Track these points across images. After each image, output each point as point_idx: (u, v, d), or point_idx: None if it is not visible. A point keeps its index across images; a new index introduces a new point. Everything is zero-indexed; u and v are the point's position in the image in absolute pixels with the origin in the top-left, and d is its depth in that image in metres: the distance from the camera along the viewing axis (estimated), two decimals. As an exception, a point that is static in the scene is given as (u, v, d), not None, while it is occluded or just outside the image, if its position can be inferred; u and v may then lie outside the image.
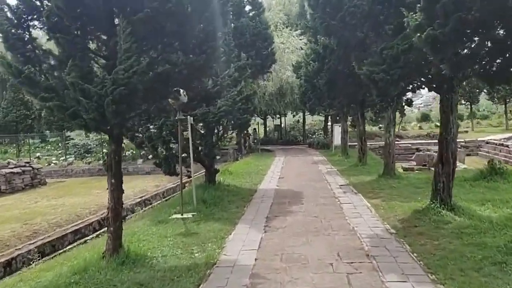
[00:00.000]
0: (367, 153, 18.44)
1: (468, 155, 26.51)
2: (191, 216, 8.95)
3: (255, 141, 32.98)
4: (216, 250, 6.76)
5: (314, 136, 36.45)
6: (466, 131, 46.04)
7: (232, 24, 16.76)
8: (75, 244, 11.27)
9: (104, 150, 35.19)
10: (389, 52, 6.59)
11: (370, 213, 8.85)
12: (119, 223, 6.36)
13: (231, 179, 15.03)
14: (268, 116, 42.04)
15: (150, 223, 8.85)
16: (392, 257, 6.05)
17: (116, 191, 6.29)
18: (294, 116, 42.68)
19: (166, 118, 10.78)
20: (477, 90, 49.43)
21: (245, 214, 9.37)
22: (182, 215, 9.05)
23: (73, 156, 35.10)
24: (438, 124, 33.81)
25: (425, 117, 57.90)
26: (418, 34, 5.37)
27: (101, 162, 33.40)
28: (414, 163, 26.15)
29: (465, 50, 6.11)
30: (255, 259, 6.23)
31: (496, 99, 50.01)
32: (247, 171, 17.76)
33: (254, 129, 33.80)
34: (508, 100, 48.31)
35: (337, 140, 25.42)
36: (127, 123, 6.54)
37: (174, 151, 11.84)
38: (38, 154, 36.15)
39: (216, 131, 12.25)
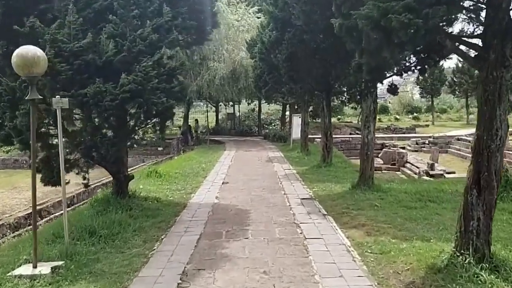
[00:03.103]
0: (332, 151, 15.12)
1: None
2: (50, 271, 5.13)
3: (204, 131, 29.18)
4: None
5: (270, 127, 33.09)
6: (427, 125, 44.40)
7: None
8: None
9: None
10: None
11: (354, 266, 5.37)
12: None
13: (157, 185, 11.21)
14: (221, 103, 38.18)
15: (-29, 285, 4.96)
16: None
17: None
18: (249, 104, 39.01)
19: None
20: (439, 83, 47.89)
21: (149, 263, 5.63)
22: (35, 267, 5.23)
23: (-10, 143, 29.84)
24: (398, 117, 31.47)
25: (383, 110, 56.02)
26: None
27: (26, 152, 28.47)
28: (381, 161, 23.35)
29: None
30: None
31: (457, 92, 48.67)
32: (184, 171, 13.97)
33: (196, 120, 29.85)
34: (469, 94, 46.99)
35: (296, 133, 22.07)
36: None
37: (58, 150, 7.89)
38: None
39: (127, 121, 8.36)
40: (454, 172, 16.77)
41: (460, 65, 46.97)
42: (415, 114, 54.06)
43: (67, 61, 6.86)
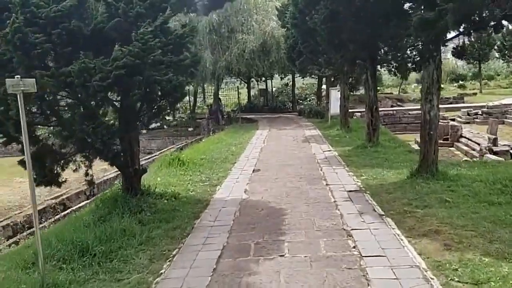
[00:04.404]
0: (379, 129, 13.18)
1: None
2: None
3: (235, 109, 27.60)
4: None
5: (305, 102, 31.10)
6: (474, 93, 41.02)
7: None
8: None
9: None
10: None
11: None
12: None
13: (178, 176, 9.73)
14: (252, 79, 36.37)
15: None
16: None
17: None
18: (282, 79, 36.95)
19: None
20: (487, 47, 43.99)
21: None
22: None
23: None
24: (442, 85, 28.86)
25: (425, 79, 52.38)
26: None
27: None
28: (431, 136, 21.08)
29: None
30: None
31: (507, 57, 44.57)
32: (210, 156, 12.46)
33: (219, 98, 28.12)
34: (521, 58, 43.03)
35: (334, 108, 20.08)
36: None
37: (50, 142, 6.50)
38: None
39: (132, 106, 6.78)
40: (522, 148, 14.47)
41: (511, 27, 42.72)
42: (460, 82, 50.43)
43: (44, 31, 5.34)
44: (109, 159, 6.33)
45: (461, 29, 7.99)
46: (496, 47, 45.09)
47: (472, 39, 40.58)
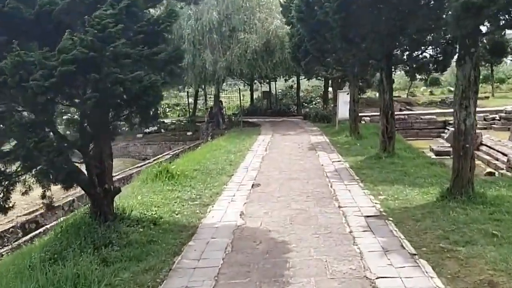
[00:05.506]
0: (394, 137, 11.74)
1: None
2: None
3: (238, 113, 26.21)
4: None
5: (311, 105, 29.69)
6: (487, 97, 39.45)
7: None
8: None
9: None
10: None
11: None
12: None
13: (164, 193, 8.33)
14: (256, 81, 35.01)
15: None
16: None
17: None
18: (286, 80, 35.51)
19: None
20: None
21: None
22: None
23: None
24: (452, 89, 27.22)
25: (434, 81, 50.89)
26: None
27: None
28: (446, 143, 19.61)
29: None
30: None
31: (521, 59, 42.92)
32: (205, 167, 11.06)
33: (220, 101, 26.69)
34: (537, 61, 41.39)
35: (342, 112, 18.70)
36: None
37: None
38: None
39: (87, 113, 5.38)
40: (552, 159, 13.01)
41: (525, 28, 40.89)
42: (470, 85, 48.80)
43: (-33, 13, 3.99)
44: (60, 181, 4.92)
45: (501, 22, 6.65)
46: (509, 49, 43.54)
47: (485, 40, 39.20)
